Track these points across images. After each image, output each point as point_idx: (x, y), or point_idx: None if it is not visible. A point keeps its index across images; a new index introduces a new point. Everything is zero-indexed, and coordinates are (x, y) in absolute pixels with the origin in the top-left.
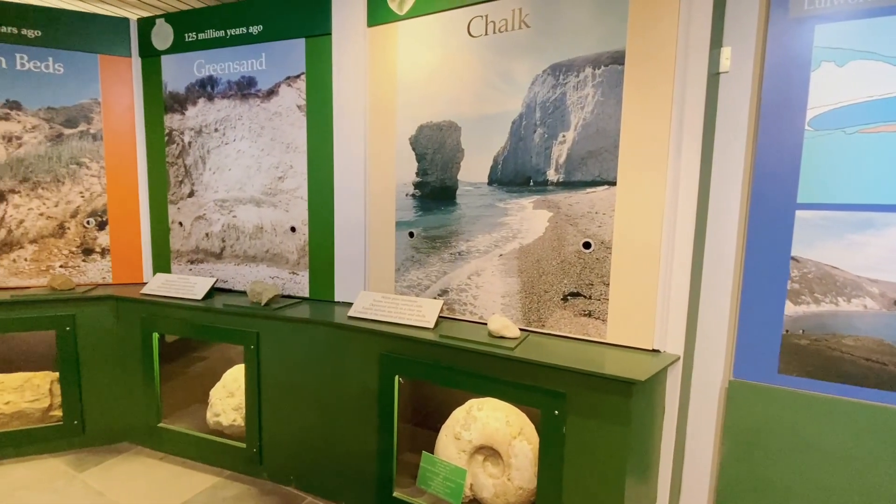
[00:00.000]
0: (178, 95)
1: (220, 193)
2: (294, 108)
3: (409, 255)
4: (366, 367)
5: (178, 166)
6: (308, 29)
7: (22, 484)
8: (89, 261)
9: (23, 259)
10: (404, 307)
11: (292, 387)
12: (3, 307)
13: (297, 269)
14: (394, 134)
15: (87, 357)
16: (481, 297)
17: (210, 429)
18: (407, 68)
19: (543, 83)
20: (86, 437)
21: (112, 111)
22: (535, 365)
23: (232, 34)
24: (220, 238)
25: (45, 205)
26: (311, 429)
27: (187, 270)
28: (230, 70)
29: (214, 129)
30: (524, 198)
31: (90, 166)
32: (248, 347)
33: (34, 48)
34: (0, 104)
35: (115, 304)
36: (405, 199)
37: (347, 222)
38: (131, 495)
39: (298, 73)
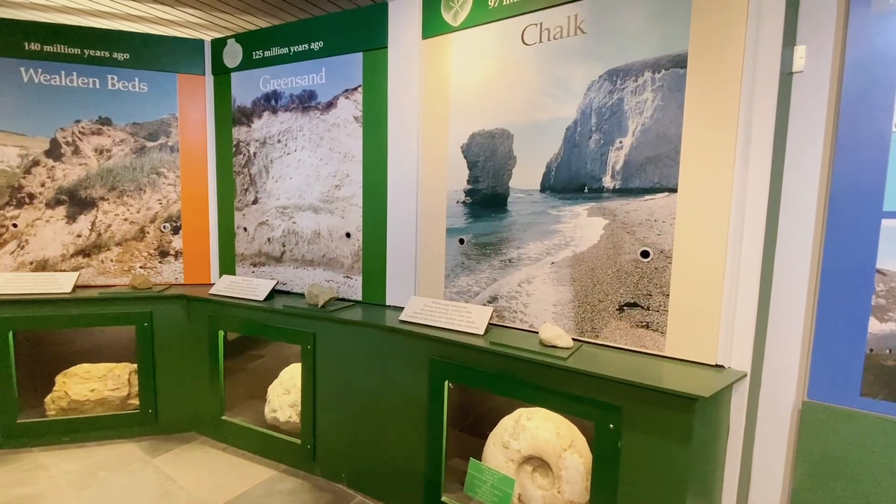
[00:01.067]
0: (246, 109)
1: (281, 201)
2: (351, 120)
3: (458, 262)
4: (416, 370)
5: (244, 175)
6: (365, 43)
7: (103, 465)
8: (164, 262)
9: (109, 260)
10: (454, 313)
11: (345, 387)
12: (91, 303)
13: (351, 273)
14: (446, 142)
15: (161, 351)
16: (532, 306)
17: (267, 423)
18: (460, 78)
19: (600, 89)
20: (158, 425)
21: (187, 125)
22: (590, 376)
23: (295, 50)
24: (280, 242)
25: (129, 211)
26: (362, 428)
27: (250, 273)
28: (293, 84)
29: (277, 141)
30: (578, 205)
31: (167, 176)
32: (305, 347)
33: (123, 69)
34: (94, 120)
35: (187, 302)
36: (456, 206)
37: (399, 229)
38: (198, 482)
39: (356, 86)
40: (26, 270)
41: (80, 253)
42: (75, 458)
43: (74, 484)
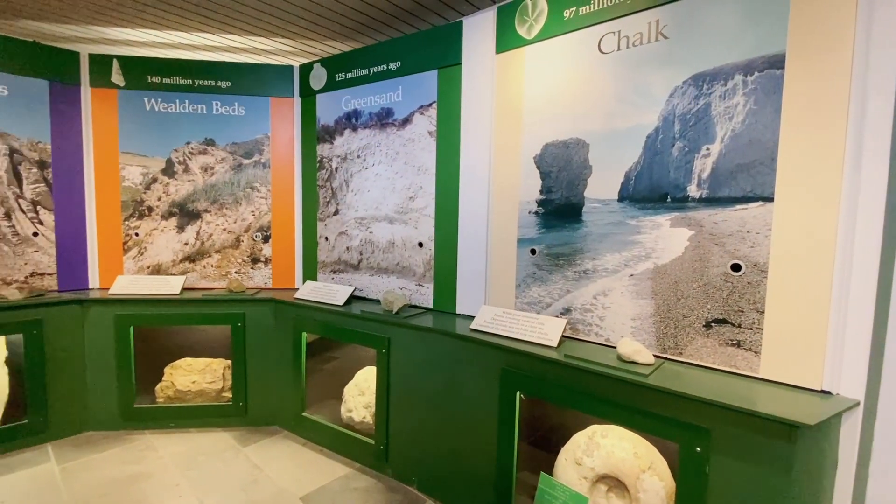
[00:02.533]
0: (329, 127)
1: (359, 212)
2: (425, 134)
3: (530, 272)
4: (487, 380)
5: (326, 189)
6: (440, 61)
7: (202, 450)
8: (256, 268)
9: (210, 265)
10: (525, 324)
11: (417, 391)
12: (195, 304)
13: (422, 281)
14: (518, 153)
15: (251, 349)
16: (608, 319)
17: (343, 422)
18: (533, 89)
19: (684, 94)
20: (247, 417)
21: (278, 144)
22: (675, 396)
23: (374, 71)
24: (358, 251)
25: (227, 222)
26: (433, 434)
27: (330, 279)
28: (371, 103)
29: (357, 156)
30: (660, 215)
31: (260, 190)
32: (381, 351)
33: (225, 96)
34: (201, 141)
35: (274, 305)
36: (528, 216)
37: (470, 239)
38: (281, 473)
39: (430, 102)
40: (144, 273)
41: (187, 259)
42: (179, 441)
43: (179, 465)
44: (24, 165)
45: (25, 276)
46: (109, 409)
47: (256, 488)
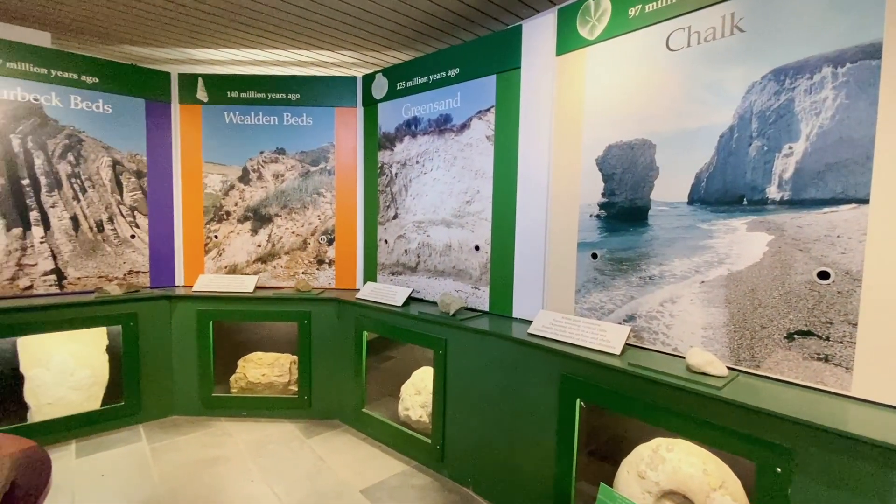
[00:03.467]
0: (389, 135)
1: (417, 216)
2: (483, 139)
3: (591, 277)
4: (545, 385)
5: (386, 194)
6: (499, 66)
7: (270, 439)
8: (321, 269)
9: (280, 266)
10: (586, 330)
11: (474, 393)
12: (267, 301)
13: (479, 284)
14: (579, 155)
15: (316, 346)
16: (676, 327)
17: (400, 420)
18: (595, 90)
19: (762, 90)
20: (311, 410)
21: (342, 151)
22: (754, 411)
23: (433, 79)
24: (416, 254)
25: (295, 225)
26: (490, 437)
27: (389, 280)
28: (430, 110)
29: (416, 162)
30: (735, 218)
31: (325, 195)
32: (437, 352)
33: (295, 107)
34: (273, 151)
35: (338, 305)
36: (589, 219)
37: (528, 242)
38: (343, 465)
39: (488, 107)
40: (222, 273)
41: (259, 260)
42: (251, 429)
43: (251, 452)
44: (124, 175)
45: (124, 274)
46: (191, 396)
47: (320, 479)
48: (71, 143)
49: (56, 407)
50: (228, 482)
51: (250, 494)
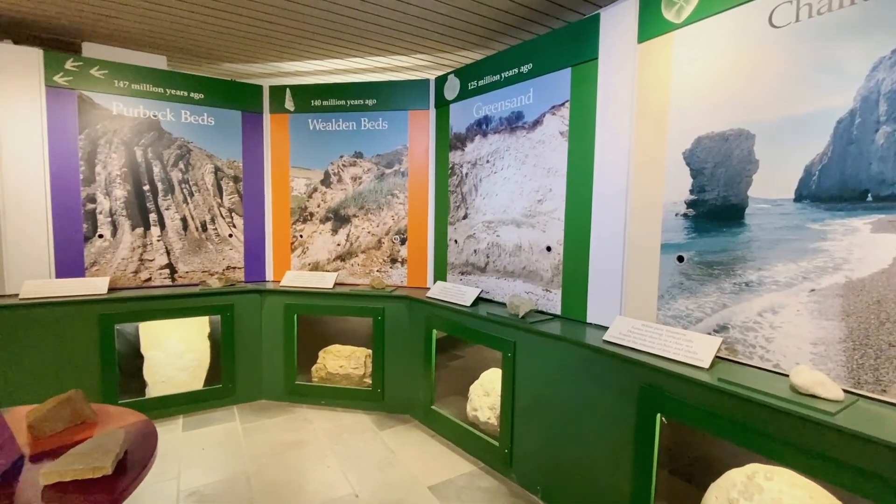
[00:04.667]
0: (460, 135)
1: (487, 216)
2: (556, 135)
3: (675, 282)
4: (621, 396)
5: (456, 194)
6: (574, 58)
7: (346, 428)
8: (394, 268)
9: (357, 265)
10: (669, 339)
11: (544, 399)
12: (345, 297)
13: (550, 286)
14: (663, 150)
15: (389, 341)
16: (778, 341)
17: (468, 420)
18: (683, 78)
19: (893, 67)
20: (384, 403)
21: (415, 153)
22: (877, 443)
23: (505, 76)
24: (485, 254)
25: (371, 225)
26: (561, 446)
27: (458, 280)
28: (502, 108)
29: (486, 161)
30: (856, 217)
31: (398, 196)
32: (506, 355)
33: (371, 112)
34: (351, 155)
35: (409, 303)
36: (674, 219)
37: (604, 243)
38: (412, 460)
39: (562, 102)
40: (306, 270)
41: (339, 258)
42: (328, 418)
43: (328, 439)
44: (224, 180)
45: (223, 269)
46: (277, 382)
47: (390, 471)
48: (181, 152)
49: (167, 385)
50: (307, 465)
51: (326, 479)
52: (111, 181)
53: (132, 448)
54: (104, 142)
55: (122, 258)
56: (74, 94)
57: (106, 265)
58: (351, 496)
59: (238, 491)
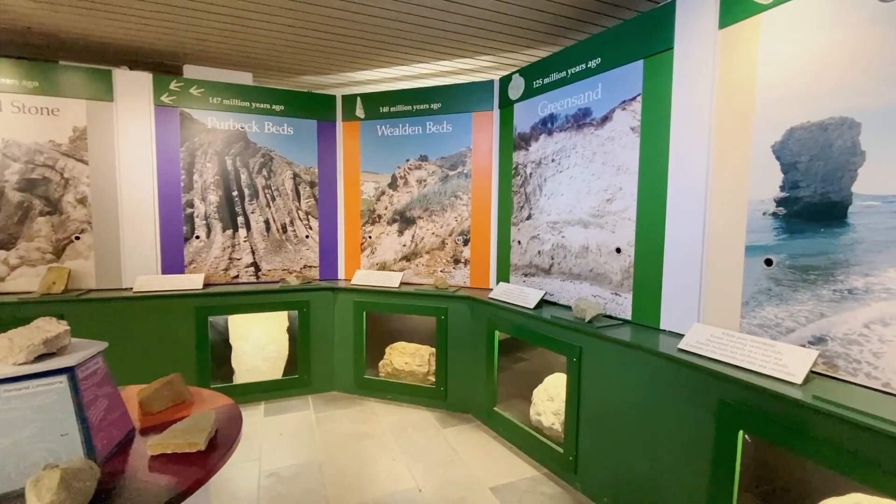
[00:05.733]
0: (524, 135)
1: (552, 216)
2: (627, 131)
3: (763, 288)
4: (697, 409)
5: (520, 194)
6: (647, 49)
7: (410, 424)
8: (457, 268)
9: (421, 265)
10: (755, 350)
11: (612, 407)
12: (409, 296)
13: (619, 290)
14: (748, 143)
15: (452, 341)
16: (889, 357)
17: (532, 424)
18: (772, 64)
19: None
20: (447, 402)
21: (478, 155)
22: None
23: (572, 72)
24: (549, 256)
25: (435, 226)
26: (630, 458)
27: (521, 282)
28: (568, 105)
29: (551, 160)
30: None
31: (462, 197)
32: (571, 360)
33: (436, 116)
34: (417, 158)
35: (471, 303)
36: (761, 218)
37: (680, 244)
38: (474, 460)
39: (633, 96)
40: (374, 269)
41: (404, 258)
42: (394, 412)
43: (393, 433)
44: (301, 185)
45: (300, 268)
46: (347, 375)
47: (452, 469)
48: (265, 160)
49: (252, 373)
50: (374, 457)
51: (391, 471)
52: (206, 188)
53: (221, 428)
54: (200, 153)
55: (214, 257)
56: (177, 111)
57: (201, 263)
58: (414, 490)
59: (311, 476)
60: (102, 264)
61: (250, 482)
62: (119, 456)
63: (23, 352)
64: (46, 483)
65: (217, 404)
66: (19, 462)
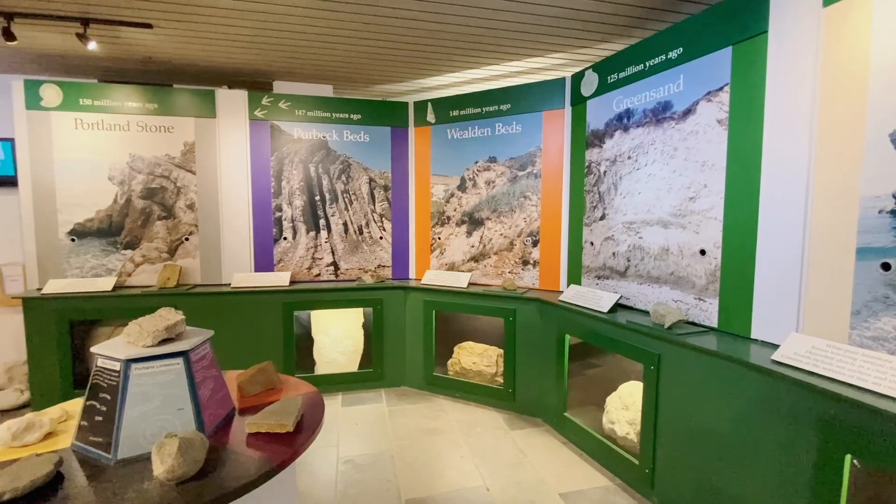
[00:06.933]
0: (598, 132)
1: (628, 216)
2: (713, 124)
3: (879, 295)
4: (796, 429)
5: (593, 194)
6: (737, 34)
7: (478, 422)
8: (525, 270)
9: (489, 266)
10: (868, 365)
11: (693, 421)
12: (478, 297)
13: (704, 295)
14: (860, 133)
15: (520, 343)
16: None
17: (604, 432)
18: (888, 44)
19: None
20: (515, 404)
21: (548, 154)
22: None
23: (650, 65)
24: (625, 257)
25: (503, 228)
26: (715, 476)
27: (594, 284)
28: (646, 99)
29: (628, 157)
30: None
31: (531, 198)
32: (648, 368)
33: (505, 117)
34: (485, 159)
35: (541, 305)
36: (876, 217)
37: (776, 246)
38: (543, 464)
39: (721, 86)
40: (443, 269)
41: (472, 259)
42: (462, 410)
43: (462, 430)
44: (376, 189)
45: (374, 267)
46: (418, 372)
47: (520, 470)
48: (343, 167)
49: (331, 365)
50: (442, 452)
51: (459, 468)
52: (292, 193)
53: (306, 413)
54: (287, 161)
55: (299, 256)
56: (268, 123)
57: (288, 262)
58: (482, 488)
59: (384, 466)
60: (206, 262)
61: (329, 467)
62: (222, 431)
63: (150, 336)
64: (168, 449)
65: (302, 391)
66: (146, 429)
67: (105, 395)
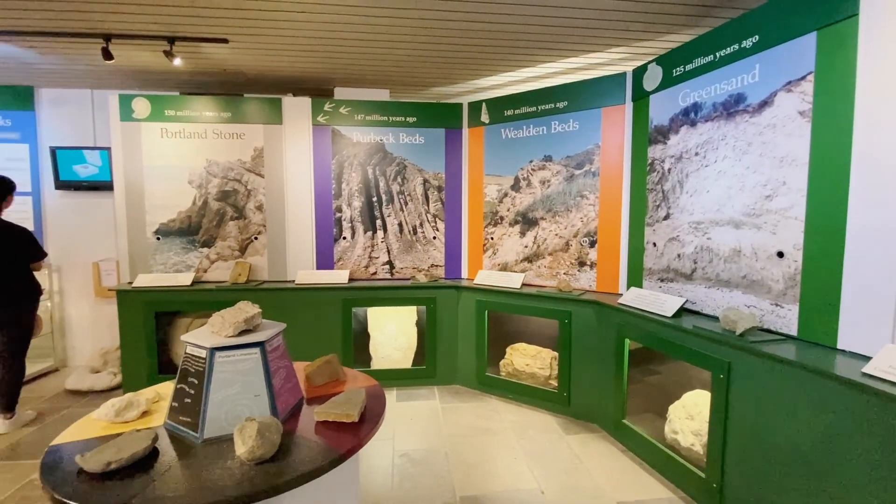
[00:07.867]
0: (662, 128)
1: (695, 216)
2: (794, 117)
3: None
4: (889, 448)
5: (656, 192)
6: (823, 18)
7: (531, 425)
8: (582, 271)
9: (543, 266)
10: None
11: (769, 435)
12: (531, 298)
13: (781, 300)
14: None
15: (576, 346)
16: None
17: (666, 442)
18: None
19: None
20: (570, 408)
21: (608, 152)
22: None
23: (721, 55)
24: (691, 259)
25: (559, 228)
26: (794, 498)
27: (657, 287)
28: (716, 92)
29: (695, 154)
30: None
31: (588, 197)
32: (717, 376)
33: (562, 115)
34: (540, 159)
35: (598, 308)
36: None
37: (867, 248)
38: (599, 470)
39: (803, 75)
40: (496, 270)
41: (526, 259)
42: (514, 412)
43: (514, 432)
44: (430, 190)
45: (428, 267)
46: (470, 371)
47: (576, 476)
48: (399, 168)
49: (386, 361)
50: (495, 452)
51: (513, 469)
52: (351, 194)
53: (369, 405)
54: (347, 164)
55: (357, 255)
56: (329, 128)
57: (347, 261)
58: (536, 491)
59: (438, 461)
60: (273, 260)
61: (385, 459)
62: (293, 418)
63: (231, 327)
64: (248, 431)
65: (364, 384)
66: (228, 412)
67: (193, 379)
